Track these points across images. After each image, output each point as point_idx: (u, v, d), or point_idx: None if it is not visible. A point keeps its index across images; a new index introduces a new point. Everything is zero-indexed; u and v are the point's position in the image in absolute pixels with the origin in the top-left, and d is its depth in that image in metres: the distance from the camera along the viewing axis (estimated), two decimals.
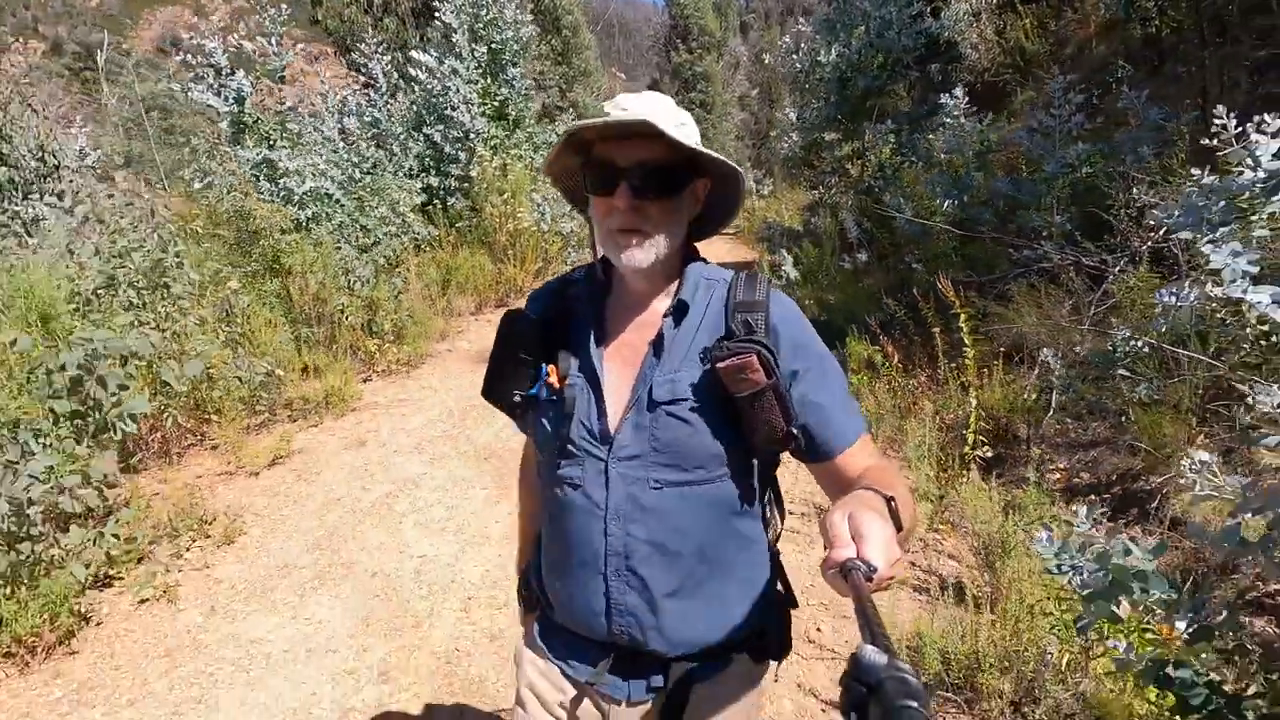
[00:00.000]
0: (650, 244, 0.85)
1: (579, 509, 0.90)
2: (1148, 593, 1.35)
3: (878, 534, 0.59)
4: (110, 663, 2.26)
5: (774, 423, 0.82)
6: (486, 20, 8.36)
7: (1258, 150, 2.45)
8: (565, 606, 0.95)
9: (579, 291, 0.98)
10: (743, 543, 0.93)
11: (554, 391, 0.90)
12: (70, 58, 63.38)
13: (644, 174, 0.82)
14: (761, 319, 0.87)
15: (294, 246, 5.02)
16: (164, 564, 2.67)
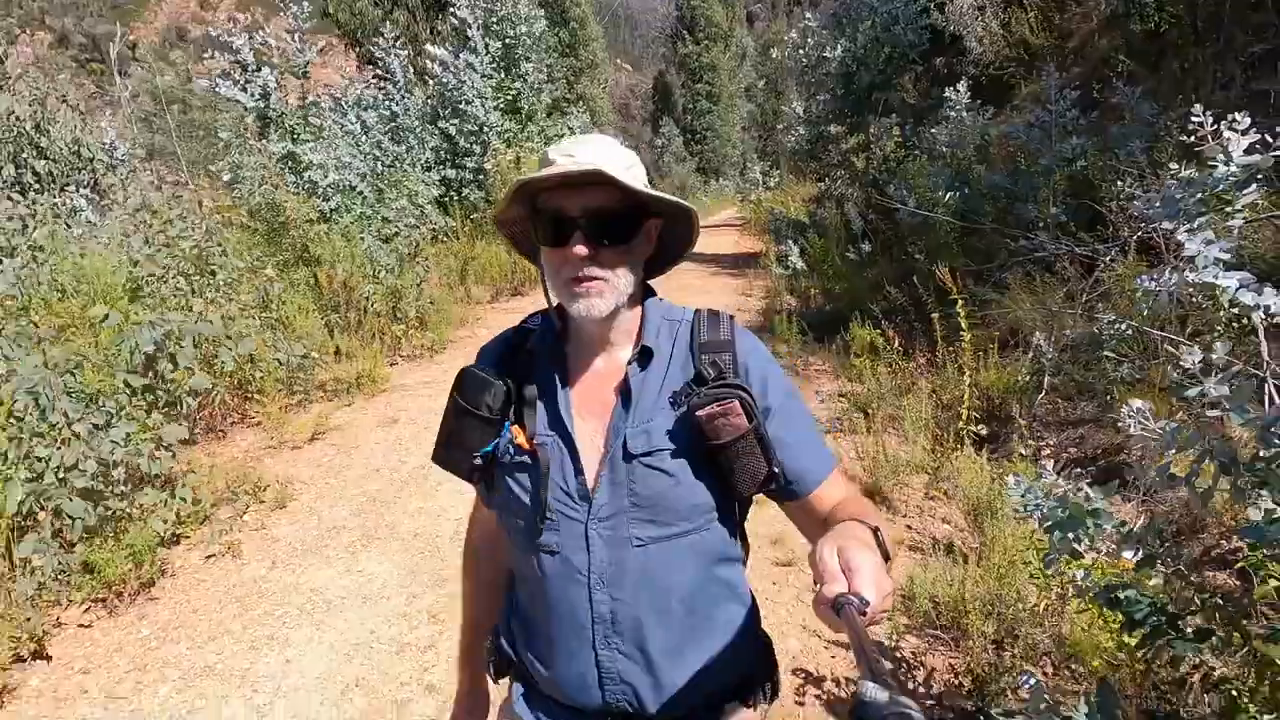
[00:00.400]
0: (608, 291, 0.83)
1: (560, 576, 0.85)
2: (1100, 526, 1.60)
3: (868, 567, 0.59)
4: (188, 607, 2.54)
5: (755, 466, 0.81)
6: (500, 16, 8.58)
7: (1230, 146, 2.70)
8: (550, 678, 0.90)
9: (536, 343, 0.93)
10: (729, 589, 0.92)
11: (523, 452, 0.86)
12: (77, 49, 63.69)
13: (597, 222, 0.80)
14: (729, 359, 0.87)
15: (323, 237, 5.29)
16: (226, 525, 2.95)
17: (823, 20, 8.57)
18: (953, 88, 6.49)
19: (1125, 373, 3.34)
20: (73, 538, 2.43)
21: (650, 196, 0.81)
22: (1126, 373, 3.33)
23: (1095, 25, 8.47)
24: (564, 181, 0.80)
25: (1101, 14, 8.13)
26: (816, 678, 2.15)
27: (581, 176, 0.78)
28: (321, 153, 6.68)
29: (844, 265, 6.67)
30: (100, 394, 2.68)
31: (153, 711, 2.09)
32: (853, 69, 8.17)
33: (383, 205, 6.79)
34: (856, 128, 8.41)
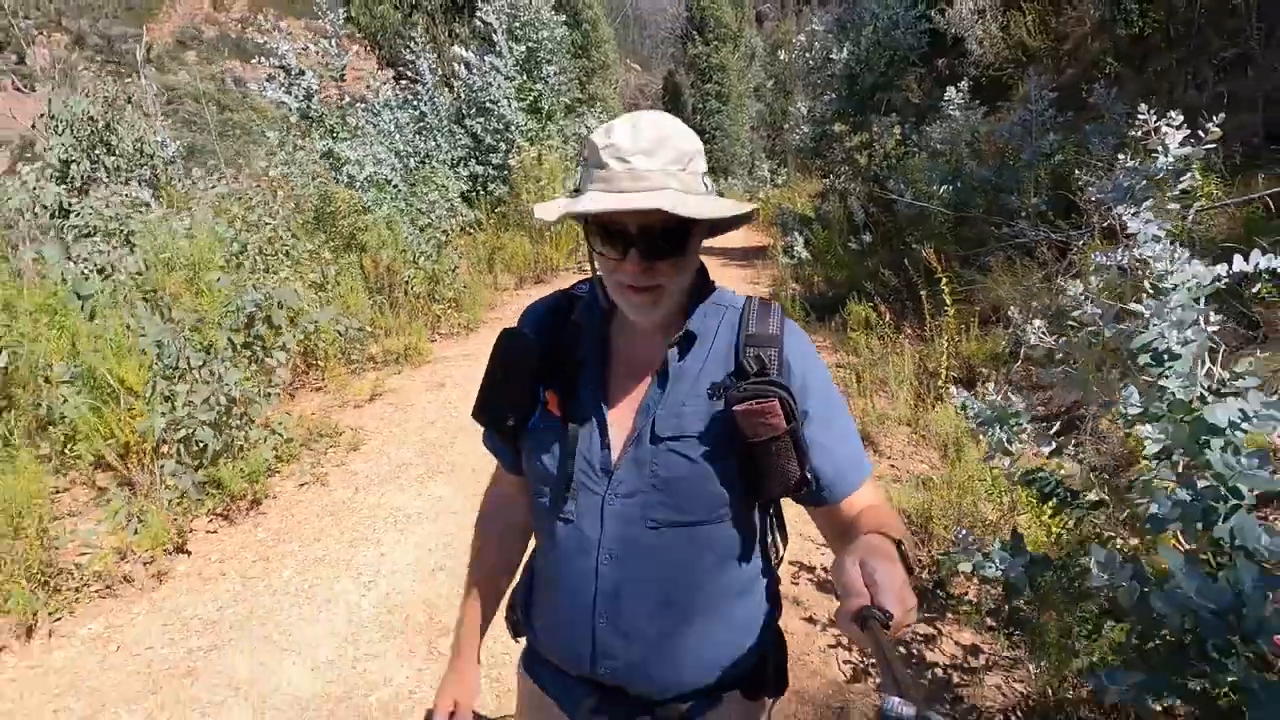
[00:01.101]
0: (664, 298, 0.82)
1: (571, 546, 0.87)
2: (1020, 424, 2.14)
3: (892, 581, 0.59)
4: (292, 519, 3.11)
5: (789, 469, 0.79)
6: (524, 21, 9.15)
7: (1167, 140, 3.25)
8: (549, 642, 0.93)
9: (582, 313, 0.92)
10: (741, 586, 0.91)
11: (553, 419, 0.87)
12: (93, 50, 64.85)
13: (654, 239, 0.77)
14: (775, 355, 0.84)
15: (368, 226, 5.87)
16: (313, 461, 3.52)
17: (827, 24, 9.10)
18: (954, 88, 7.00)
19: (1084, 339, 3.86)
20: (204, 460, 3.00)
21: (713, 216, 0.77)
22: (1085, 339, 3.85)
23: (1088, 29, 8.96)
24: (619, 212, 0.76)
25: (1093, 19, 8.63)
26: (808, 566, 2.70)
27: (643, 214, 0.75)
28: (358, 150, 7.27)
29: (846, 255, 7.19)
30: (213, 346, 3.25)
31: (280, 586, 2.65)
32: (856, 71, 8.69)
33: (415, 198, 7.37)
34: (860, 126, 8.93)
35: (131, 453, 2.93)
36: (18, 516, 2.51)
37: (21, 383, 3.36)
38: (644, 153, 0.76)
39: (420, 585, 2.63)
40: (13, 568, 2.43)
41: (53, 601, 2.48)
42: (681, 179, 0.77)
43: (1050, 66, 9.21)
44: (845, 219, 7.93)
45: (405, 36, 16.69)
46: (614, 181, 0.76)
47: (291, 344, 3.63)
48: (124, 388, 2.90)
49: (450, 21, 16.19)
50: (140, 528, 2.71)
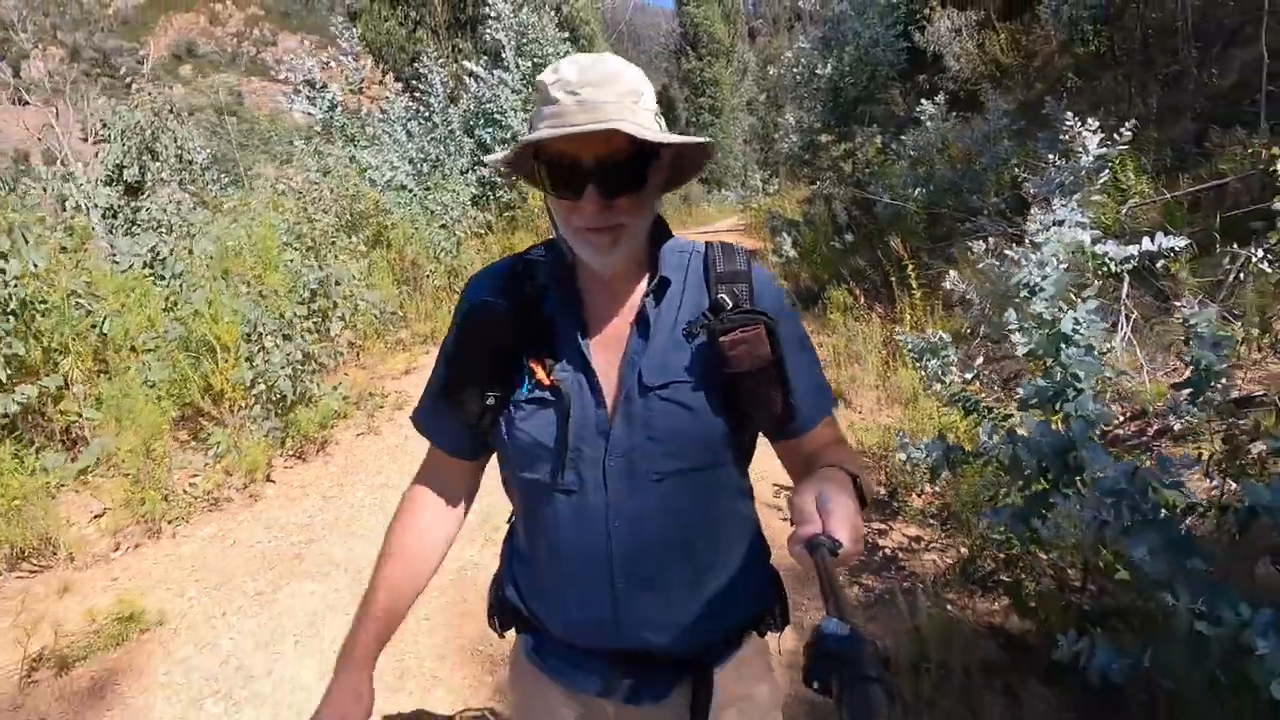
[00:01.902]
0: (624, 238, 0.78)
1: (576, 517, 0.83)
2: (948, 355, 2.79)
3: (843, 511, 0.61)
4: (355, 459, 3.72)
5: (773, 399, 0.81)
6: (530, 39, 9.88)
7: (1087, 143, 3.96)
8: (565, 624, 0.89)
9: (544, 274, 0.88)
10: (743, 523, 0.93)
11: (543, 388, 0.82)
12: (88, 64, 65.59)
13: (610, 172, 0.73)
14: (745, 290, 0.85)
15: (394, 224, 6.51)
16: (367, 416, 4.14)
17: (814, 42, 9.86)
18: (932, 101, 7.74)
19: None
20: (283, 407, 3.61)
21: (671, 142, 0.75)
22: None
23: (1054, 47, 9.77)
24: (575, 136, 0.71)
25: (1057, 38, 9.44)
26: None
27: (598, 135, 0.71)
28: (377, 156, 7.94)
29: (830, 252, 7.89)
30: (284, 315, 3.88)
31: (356, 502, 3.27)
32: (840, 85, 9.44)
33: (430, 201, 8.03)
34: (844, 136, 9.67)
35: (224, 400, 3.54)
36: (149, 440, 3.12)
37: (115, 348, 3.97)
38: (593, 84, 0.74)
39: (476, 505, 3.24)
40: (146, 482, 3.03)
41: (172, 511, 3.08)
42: (635, 112, 0.74)
43: (1020, 81, 10.03)
44: (829, 221, 8.64)
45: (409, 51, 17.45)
46: (565, 116, 0.72)
47: (347, 315, 4.26)
48: (220, 345, 3.52)
49: (454, 37, 16.97)
50: (237, 457, 3.32)
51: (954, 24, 10.73)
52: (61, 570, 2.72)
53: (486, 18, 10.59)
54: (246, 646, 2.33)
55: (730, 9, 35.89)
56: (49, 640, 2.28)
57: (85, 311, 3.61)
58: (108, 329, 3.72)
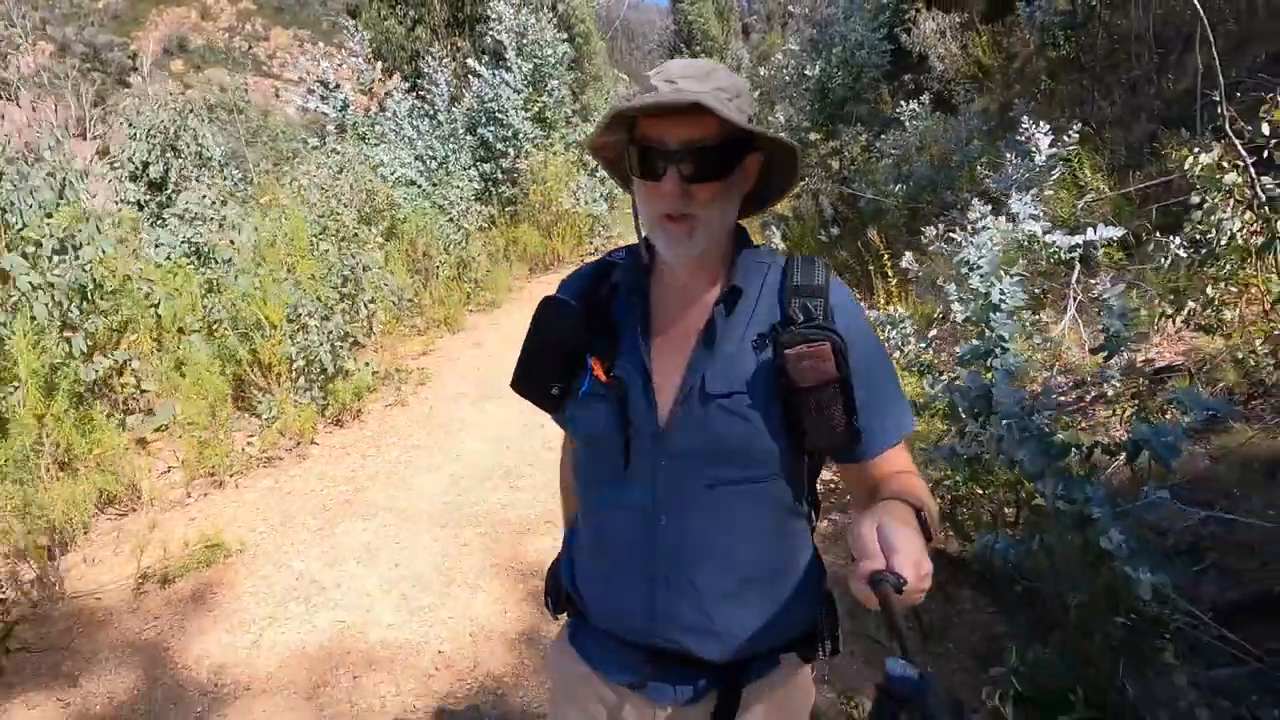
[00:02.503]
0: (700, 231, 0.80)
1: (623, 509, 0.88)
2: (904, 326, 3.29)
3: (908, 547, 0.60)
4: (387, 425, 4.20)
5: (836, 418, 0.79)
6: (530, 40, 10.33)
7: (1039, 143, 4.47)
8: (605, 611, 0.93)
9: (621, 276, 0.92)
10: (796, 542, 0.92)
11: (600, 384, 0.87)
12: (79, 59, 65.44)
13: (694, 156, 0.76)
14: (821, 305, 0.83)
15: (406, 217, 6.97)
16: (393, 389, 4.61)
17: (802, 44, 10.35)
18: (917, 101, 8.22)
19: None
20: (323, 379, 4.08)
21: (755, 131, 0.78)
22: None
23: (1032, 50, 10.29)
24: (662, 110, 0.76)
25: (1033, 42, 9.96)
26: None
27: (678, 108, 0.74)
28: (388, 154, 8.38)
29: (817, 245, 8.38)
30: (320, 298, 4.34)
31: (392, 459, 3.74)
32: (827, 86, 9.93)
33: (437, 196, 8.48)
34: (831, 135, 10.16)
35: (272, 372, 4.01)
36: (214, 405, 3.59)
37: (166, 329, 4.42)
38: (693, 77, 0.78)
39: (492, 457, 3.73)
40: (211, 441, 3.50)
41: (234, 466, 3.55)
42: (730, 106, 0.76)
43: (1000, 82, 10.55)
44: (817, 215, 9.13)
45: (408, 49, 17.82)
46: (659, 99, 0.76)
47: (376, 299, 4.73)
48: (269, 323, 3.98)
49: (452, 35, 17.38)
50: (286, 422, 3.79)
51: (938, 25, 11.23)
52: (145, 513, 3.19)
53: (485, 17, 11.01)
54: (315, 566, 2.81)
55: (724, 6, 36.31)
56: (152, 561, 2.75)
57: (144, 294, 4.06)
58: (162, 310, 4.18)
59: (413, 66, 15.70)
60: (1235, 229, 3.38)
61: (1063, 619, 2.14)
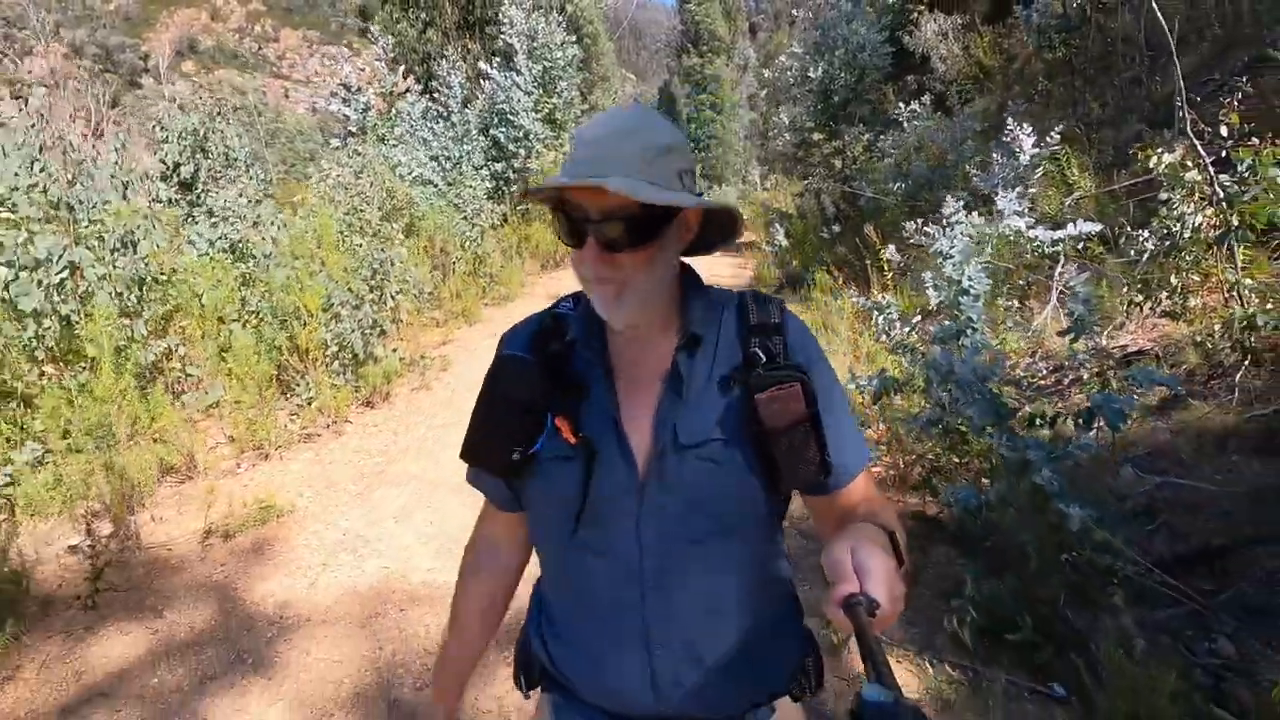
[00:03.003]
0: (628, 294, 0.79)
1: (609, 577, 0.83)
2: (890, 312, 3.61)
3: (880, 569, 0.61)
4: (415, 407, 4.55)
5: (810, 455, 0.79)
6: (541, 43, 10.69)
7: (1022, 143, 4.79)
8: (595, 685, 0.87)
9: (574, 329, 0.88)
10: (780, 585, 0.92)
11: (568, 446, 0.82)
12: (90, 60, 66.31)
13: (615, 226, 0.75)
14: (780, 343, 0.84)
15: (425, 215, 7.34)
16: (417, 376, 4.97)
17: (805, 46, 10.65)
18: (918, 102, 8.52)
19: None
20: (355, 364, 4.44)
21: (666, 203, 0.74)
22: None
23: (1031, 51, 10.57)
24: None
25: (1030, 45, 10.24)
26: None
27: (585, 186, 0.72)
28: (406, 155, 8.75)
29: (818, 241, 8.70)
30: (351, 289, 4.70)
31: (421, 436, 4.10)
32: (830, 87, 10.24)
33: (452, 195, 8.85)
34: (833, 135, 10.48)
35: (309, 356, 4.37)
36: (261, 386, 3.95)
37: (208, 318, 4.79)
38: (610, 137, 0.76)
39: None
40: (257, 418, 3.87)
41: (278, 440, 3.91)
42: (652, 168, 0.75)
43: (1000, 83, 10.83)
44: (819, 213, 9.45)
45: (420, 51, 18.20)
46: (576, 166, 0.75)
47: (401, 291, 5.09)
48: (307, 312, 4.35)
49: (463, 38, 17.77)
50: (324, 400, 4.15)
51: (940, 27, 11.51)
52: (201, 480, 3.55)
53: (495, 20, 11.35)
54: (359, 524, 3.16)
55: (731, 6, 36.59)
56: (214, 519, 3.11)
57: (189, 286, 4.43)
58: (205, 300, 4.55)
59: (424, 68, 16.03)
60: (1197, 223, 3.69)
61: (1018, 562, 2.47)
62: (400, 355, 4.82)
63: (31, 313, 3.44)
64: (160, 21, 74.23)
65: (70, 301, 3.62)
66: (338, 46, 78.68)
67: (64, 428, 3.25)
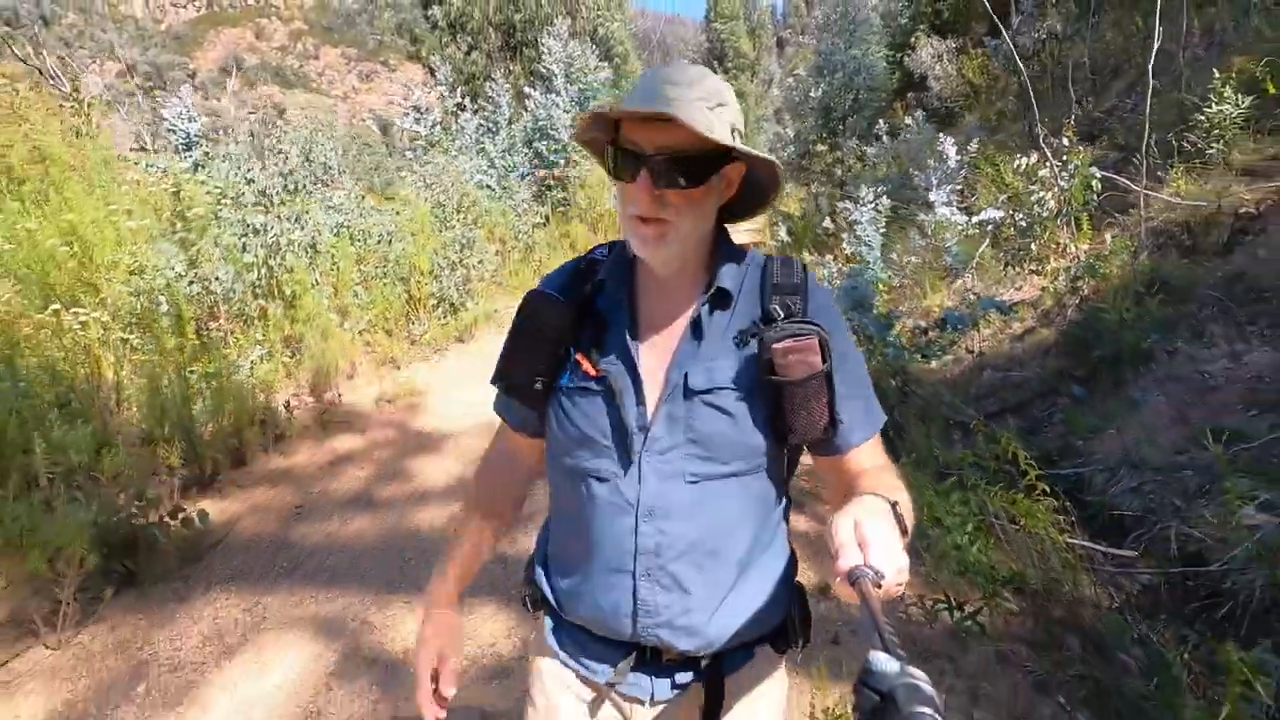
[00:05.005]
0: (671, 236, 0.85)
1: (606, 504, 0.90)
2: (830, 266, 5.33)
3: (884, 540, 0.64)
4: (494, 346, 6.37)
5: (818, 411, 0.84)
6: (577, 67, 12.63)
7: (947, 149, 6.54)
8: (583, 606, 0.95)
9: (606, 272, 0.96)
10: (773, 535, 0.96)
11: (587, 378, 0.90)
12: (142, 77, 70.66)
13: (667, 162, 0.80)
14: (800, 303, 0.89)
15: (487, 211, 9.22)
16: (495, 326, 6.79)
17: (809, 69, 12.44)
18: (911, 116, 10.20)
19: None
20: (454, 311, 6.27)
21: (724, 145, 0.80)
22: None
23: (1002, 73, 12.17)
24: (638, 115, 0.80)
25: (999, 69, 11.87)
26: None
27: (651, 116, 0.78)
28: (468, 162, 10.67)
29: (816, 238, 10.42)
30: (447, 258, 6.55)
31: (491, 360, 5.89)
32: (830, 105, 11.99)
33: (505, 197, 10.74)
34: (833, 147, 12.21)
35: (423, 304, 6.21)
36: (394, 319, 5.80)
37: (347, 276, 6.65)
38: (676, 84, 0.82)
39: None
40: (393, 337, 5.71)
41: (406, 357, 5.73)
42: (708, 115, 0.80)
43: (984, 101, 12.53)
44: (817, 213, 11.17)
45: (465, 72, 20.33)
46: (644, 99, 0.81)
47: (482, 262, 6.94)
48: (420, 272, 6.20)
49: (505, 60, 19.91)
50: (434, 334, 5.99)
51: (935, 50, 13.23)
52: (360, 377, 5.38)
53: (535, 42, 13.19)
54: (469, 399, 4.95)
55: (756, 24, 38.56)
56: (380, 393, 4.92)
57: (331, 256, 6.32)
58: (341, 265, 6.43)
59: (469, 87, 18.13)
60: (1050, 207, 5.38)
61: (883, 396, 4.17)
62: (481, 309, 6.65)
63: (250, 264, 5.32)
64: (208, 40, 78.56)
65: (274, 258, 5.50)
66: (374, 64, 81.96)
67: (279, 338, 5.10)
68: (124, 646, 2.45)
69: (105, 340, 4.06)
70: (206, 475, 3.59)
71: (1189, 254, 4.68)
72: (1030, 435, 3.86)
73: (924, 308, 6.28)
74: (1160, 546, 2.79)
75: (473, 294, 6.72)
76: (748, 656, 0.97)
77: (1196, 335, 3.95)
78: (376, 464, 3.94)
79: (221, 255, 5.06)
